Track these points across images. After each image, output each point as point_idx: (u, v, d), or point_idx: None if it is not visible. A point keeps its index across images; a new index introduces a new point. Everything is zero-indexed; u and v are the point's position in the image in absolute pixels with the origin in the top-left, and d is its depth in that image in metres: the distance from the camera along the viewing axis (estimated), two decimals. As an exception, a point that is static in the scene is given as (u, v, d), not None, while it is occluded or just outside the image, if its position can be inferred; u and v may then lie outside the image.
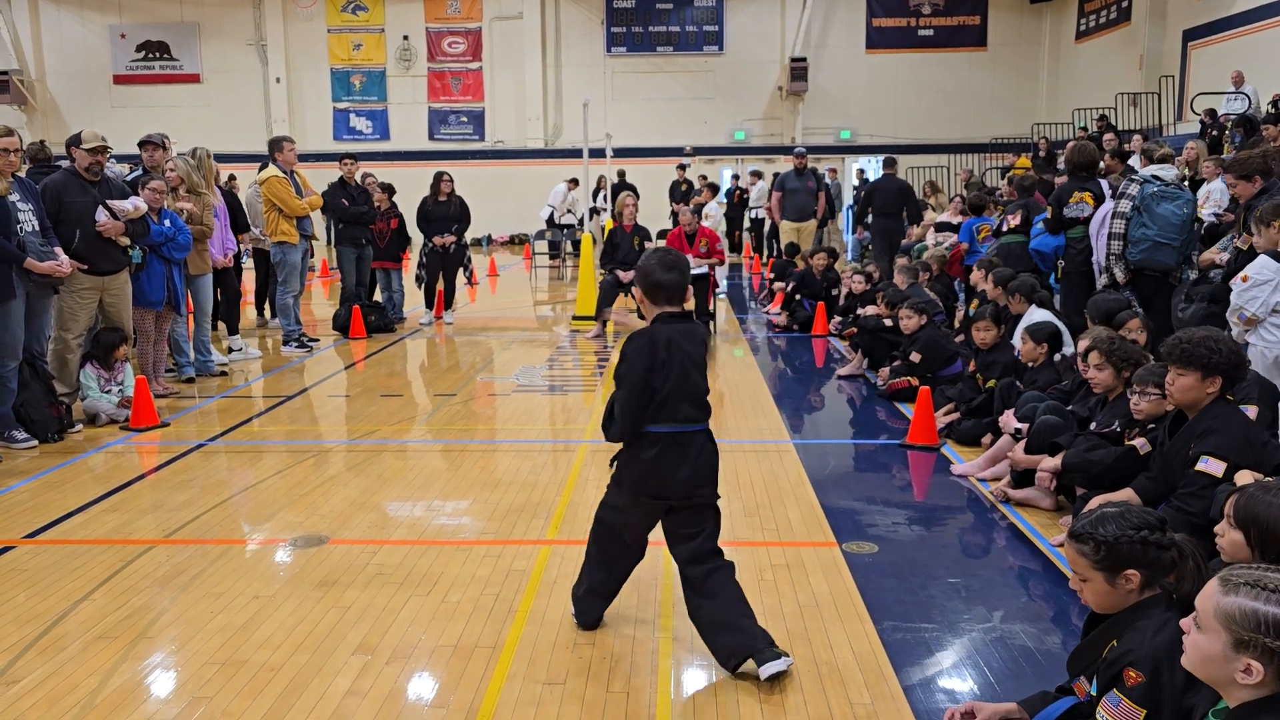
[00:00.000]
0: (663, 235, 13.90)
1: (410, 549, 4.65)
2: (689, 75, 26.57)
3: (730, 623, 3.43)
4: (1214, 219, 8.12)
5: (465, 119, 27.21)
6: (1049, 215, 8.07)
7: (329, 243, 20.97)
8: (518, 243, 26.18)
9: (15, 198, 6.43)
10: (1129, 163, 11.43)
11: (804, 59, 25.65)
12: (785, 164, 18.23)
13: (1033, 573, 4.41)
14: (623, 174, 20.87)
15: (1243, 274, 5.28)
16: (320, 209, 10.81)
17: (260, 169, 10.38)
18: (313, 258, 11.06)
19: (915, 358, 7.54)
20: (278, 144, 10.35)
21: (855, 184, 23.50)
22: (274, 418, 7.52)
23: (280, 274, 10.30)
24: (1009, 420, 5.52)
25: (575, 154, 16.31)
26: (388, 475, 5.91)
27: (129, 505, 5.37)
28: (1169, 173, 6.98)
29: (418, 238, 12.13)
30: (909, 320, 7.71)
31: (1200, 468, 3.80)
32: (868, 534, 4.82)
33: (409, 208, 12.11)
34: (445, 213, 11.82)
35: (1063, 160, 9.92)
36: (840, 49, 26.23)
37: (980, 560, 4.61)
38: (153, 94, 26.80)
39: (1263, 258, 5.25)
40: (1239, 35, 17.54)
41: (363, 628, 3.82)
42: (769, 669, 3.33)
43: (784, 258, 13.83)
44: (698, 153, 25.29)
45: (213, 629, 3.82)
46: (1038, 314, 6.82)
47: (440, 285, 12.04)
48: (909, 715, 3.18)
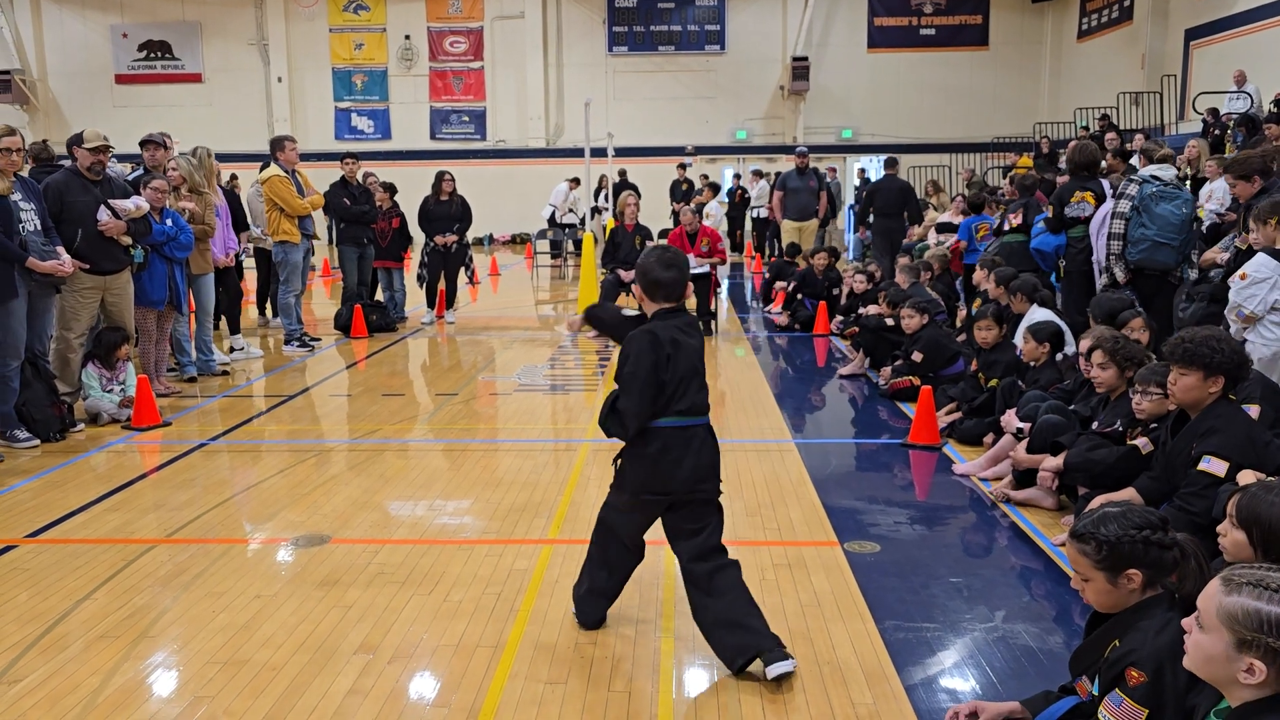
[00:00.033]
0: (664, 235, 13.92)
1: (412, 548, 4.65)
2: (690, 75, 26.57)
3: (739, 622, 3.42)
4: (1216, 219, 8.12)
5: (467, 118, 27.21)
6: (1050, 214, 8.07)
7: (330, 242, 20.99)
8: (519, 242, 26.18)
9: (17, 197, 6.43)
10: (1130, 162, 11.41)
11: (805, 58, 25.65)
12: (787, 163, 18.24)
13: (1035, 572, 4.41)
14: (624, 173, 20.88)
15: (1241, 272, 5.28)
16: (322, 208, 10.81)
17: (262, 168, 10.38)
18: (313, 256, 11.03)
19: (917, 357, 7.54)
20: (279, 143, 10.35)
21: (856, 183, 23.50)
22: (275, 417, 7.52)
23: (282, 273, 10.31)
24: (1011, 420, 5.53)
25: (577, 153, 16.32)
26: (389, 475, 5.92)
27: (131, 504, 5.37)
28: (1168, 173, 6.98)
29: (419, 237, 12.15)
30: (911, 320, 7.71)
31: (1203, 467, 3.80)
32: (869, 533, 4.82)
33: (410, 207, 12.11)
34: (447, 212, 11.82)
35: (1064, 160, 9.92)
36: (842, 48, 26.23)
37: (982, 560, 4.61)
38: (154, 93, 26.82)
39: (1261, 256, 5.25)
40: (1241, 34, 17.53)
41: (364, 627, 3.82)
42: (776, 669, 3.33)
43: (784, 258, 13.83)
44: (699, 152, 25.27)
45: (214, 628, 3.82)
46: (1039, 313, 6.82)
47: (442, 285, 12.05)
48: (911, 715, 3.18)
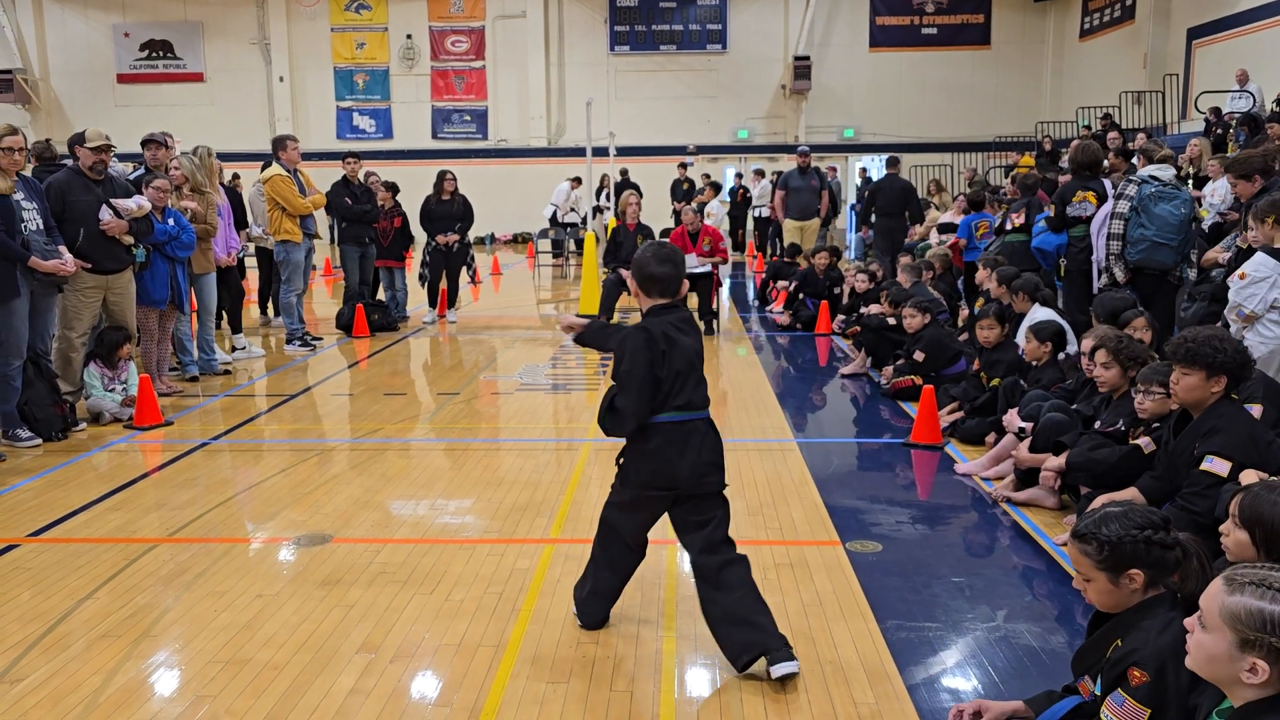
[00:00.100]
0: (666, 234, 13.90)
1: (413, 548, 4.65)
2: (692, 74, 26.56)
3: (746, 619, 3.41)
4: (1218, 218, 8.11)
5: (468, 118, 27.22)
6: (1051, 213, 8.06)
7: (332, 241, 21.00)
8: (521, 241, 26.19)
9: (20, 196, 6.43)
10: (1132, 161, 11.40)
11: (807, 57, 25.64)
12: (788, 163, 18.23)
13: (1037, 572, 4.41)
14: (625, 173, 20.88)
15: (1240, 271, 5.28)
16: (323, 208, 10.81)
17: (263, 168, 10.38)
18: (314, 255, 11.03)
19: (919, 356, 7.53)
20: (281, 143, 10.35)
21: (858, 183, 23.49)
22: (277, 416, 7.53)
23: (284, 273, 10.31)
24: (1013, 419, 5.52)
25: (578, 153, 16.33)
26: (391, 474, 5.92)
27: (132, 504, 5.38)
28: (1166, 173, 6.98)
29: (421, 236, 12.15)
30: (912, 319, 7.70)
31: (1205, 467, 3.79)
32: (871, 533, 4.82)
33: (412, 206, 12.11)
34: (448, 211, 11.82)
35: (1066, 159, 9.91)
36: (843, 47, 26.22)
37: (984, 559, 4.60)
38: (156, 93, 26.84)
39: (1260, 255, 5.25)
40: (1243, 34, 17.52)
41: (366, 626, 3.82)
42: (781, 669, 3.32)
43: (784, 259, 13.82)
44: (701, 151, 25.28)
45: (216, 628, 3.82)
46: (1041, 313, 6.81)
47: (444, 284, 12.05)
48: (913, 714, 3.18)
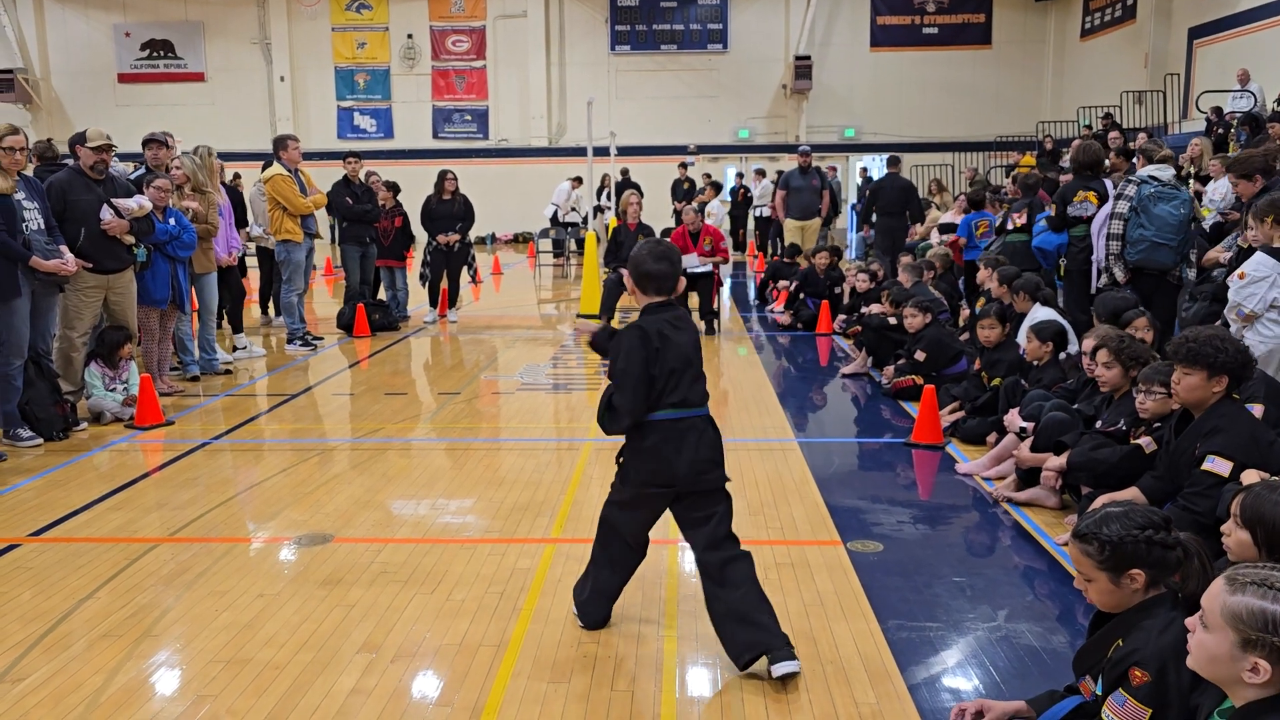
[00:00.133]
0: (667, 234, 13.90)
1: (414, 547, 4.65)
2: (693, 74, 26.56)
3: (749, 617, 3.41)
4: (1219, 218, 8.11)
5: (469, 117, 27.22)
6: (1052, 213, 8.06)
7: (333, 241, 21.00)
8: (522, 241, 26.19)
9: (21, 196, 6.43)
10: (1132, 161, 11.39)
11: (808, 57, 25.63)
12: (789, 162, 18.23)
13: (1038, 571, 4.41)
14: (626, 172, 20.87)
15: (1239, 271, 5.27)
16: (324, 207, 10.81)
17: (264, 167, 10.39)
18: (314, 254, 11.03)
19: (920, 356, 7.53)
20: (282, 142, 10.35)
21: (859, 182, 23.48)
22: (278, 416, 7.53)
23: (284, 272, 10.31)
24: (1014, 419, 5.52)
25: (579, 152, 16.31)
26: (392, 474, 5.92)
27: (133, 503, 5.38)
28: (1165, 173, 6.98)
29: (422, 236, 12.15)
30: (914, 319, 7.70)
31: (1206, 467, 3.79)
32: (872, 533, 4.82)
33: (413, 206, 12.12)
34: (449, 211, 11.82)
35: (1068, 159, 9.90)
36: (844, 47, 26.21)
37: (985, 559, 4.60)
38: (157, 92, 26.84)
39: (1259, 254, 5.24)
40: (1244, 33, 17.51)
41: (367, 626, 3.82)
42: (781, 668, 3.32)
43: (784, 259, 13.82)
44: (702, 151, 25.27)
45: (217, 627, 3.82)
46: (1042, 312, 6.81)
47: (444, 284, 12.05)
48: (914, 714, 3.18)
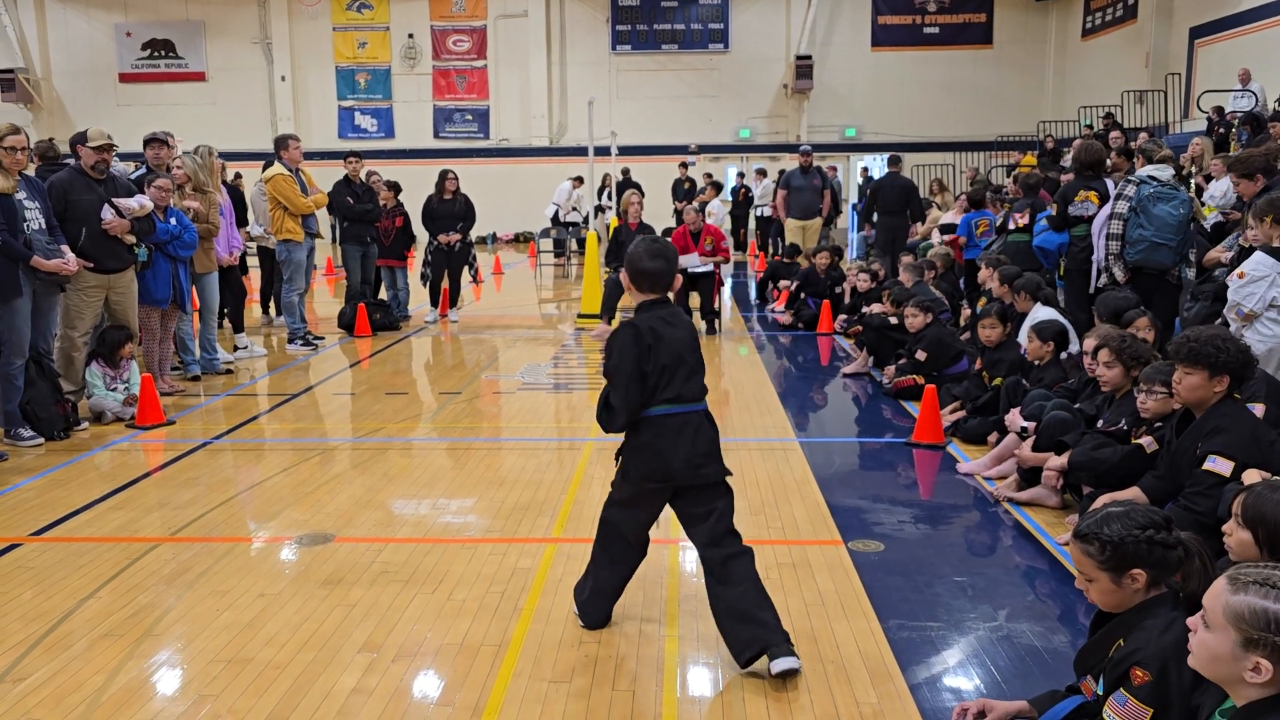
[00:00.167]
0: (668, 233, 13.90)
1: (415, 547, 4.65)
2: (694, 73, 26.55)
3: (748, 615, 3.41)
4: (1221, 217, 8.11)
5: (470, 117, 27.22)
6: (1054, 212, 8.06)
7: (334, 241, 21.00)
8: (522, 241, 26.19)
9: (22, 195, 6.43)
10: (1134, 161, 11.38)
11: (809, 57, 25.62)
12: (791, 162, 18.22)
13: (1039, 571, 4.40)
14: (627, 172, 20.86)
15: (1239, 270, 5.27)
16: (325, 207, 10.81)
17: (265, 167, 10.39)
18: (314, 253, 11.03)
19: (921, 356, 7.53)
20: (283, 142, 10.35)
21: (860, 181, 23.48)
22: (279, 416, 7.53)
23: (286, 272, 10.31)
24: (1015, 418, 5.52)
25: (580, 152, 16.31)
26: (393, 473, 5.92)
27: (135, 503, 5.38)
28: (1165, 173, 6.98)
29: (423, 236, 12.15)
30: (914, 318, 7.70)
31: (1208, 467, 3.79)
32: (873, 532, 4.82)
33: (414, 206, 12.12)
34: (450, 211, 11.83)
35: (1069, 158, 9.90)
36: (845, 46, 26.20)
37: (986, 559, 4.60)
38: (158, 92, 26.85)
39: (1258, 254, 5.24)
40: (1245, 33, 17.50)
41: (368, 625, 3.82)
42: (780, 664, 3.32)
43: (784, 259, 13.81)
44: (703, 151, 25.26)
45: (218, 627, 3.82)
46: (1043, 312, 6.81)
47: (445, 283, 12.05)
48: (915, 714, 3.18)
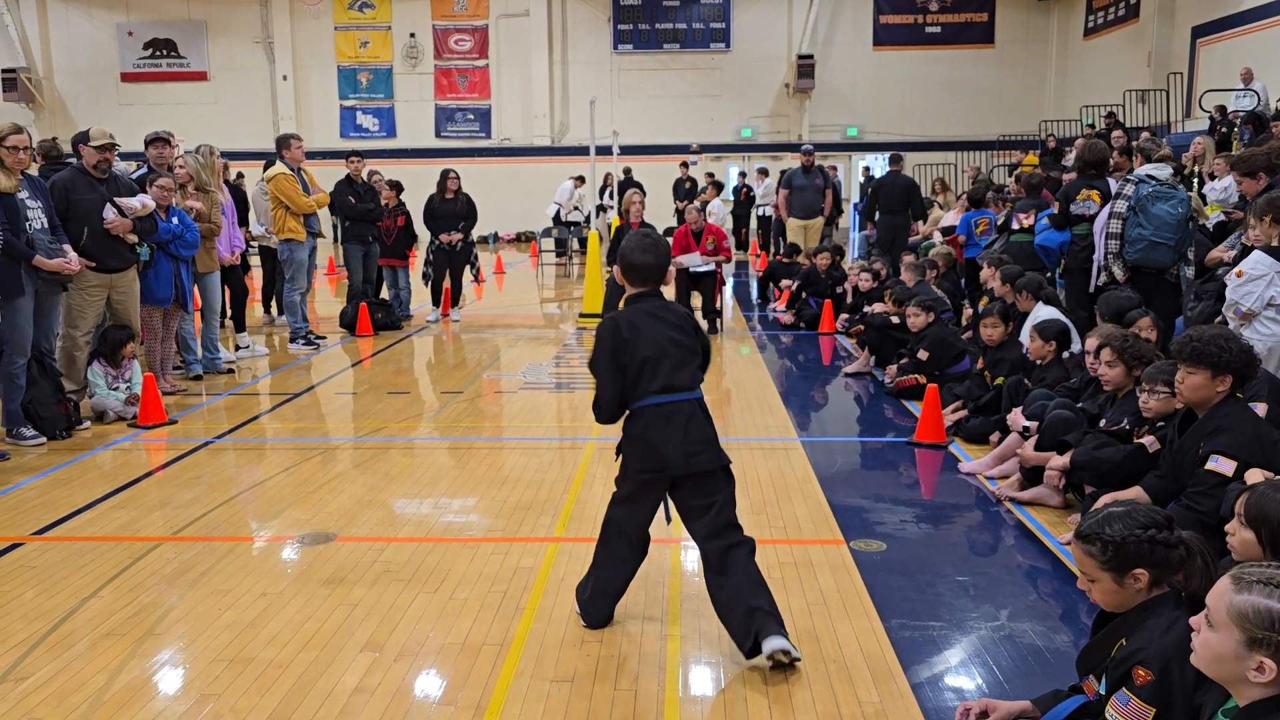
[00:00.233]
0: (669, 232, 13.90)
1: (417, 546, 4.66)
2: (696, 73, 26.55)
3: (745, 603, 3.41)
4: (1224, 216, 8.10)
5: (472, 116, 27.23)
6: (1056, 211, 8.06)
7: (335, 240, 21.01)
8: (524, 240, 26.20)
9: (24, 195, 6.43)
10: (1134, 160, 11.37)
11: (811, 56, 25.61)
12: (792, 161, 18.21)
13: (1041, 571, 4.40)
14: (629, 171, 20.85)
15: (1237, 269, 5.27)
16: (327, 206, 10.81)
17: (267, 166, 10.39)
18: (316, 253, 11.03)
19: (923, 355, 7.53)
20: (285, 141, 10.35)
21: (861, 180, 23.47)
22: (281, 415, 7.53)
23: (287, 271, 10.31)
24: (1017, 418, 5.52)
25: (582, 151, 16.29)
26: (395, 472, 5.92)
27: (137, 502, 5.38)
28: (1163, 172, 6.98)
29: (424, 235, 12.15)
30: (916, 318, 7.69)
31: (1210, 466, 3.78)
32: (875, 532, 4.81)
33: (416, 205, 12.12)
34: (452, 210, 11.83)
35: (1073, 157, 9.89)
36: (847, 46, 26.19)
37: (988, 558, 4.60)
38: (160, 91, 26.86)
39: (1257, 253, 5.24)
40: (1247, 32, 17.49)
41: (370, 625, 3.82)
42: (770, 644, 3.31)
43: (784, 259, 13.81)
44: (704, 150, 25.26)
45: (220, 626, 3.82)
46: (1045, 311, 6.80)
47: (447, 283, 12.05)
48: (917, 713, 3.18)
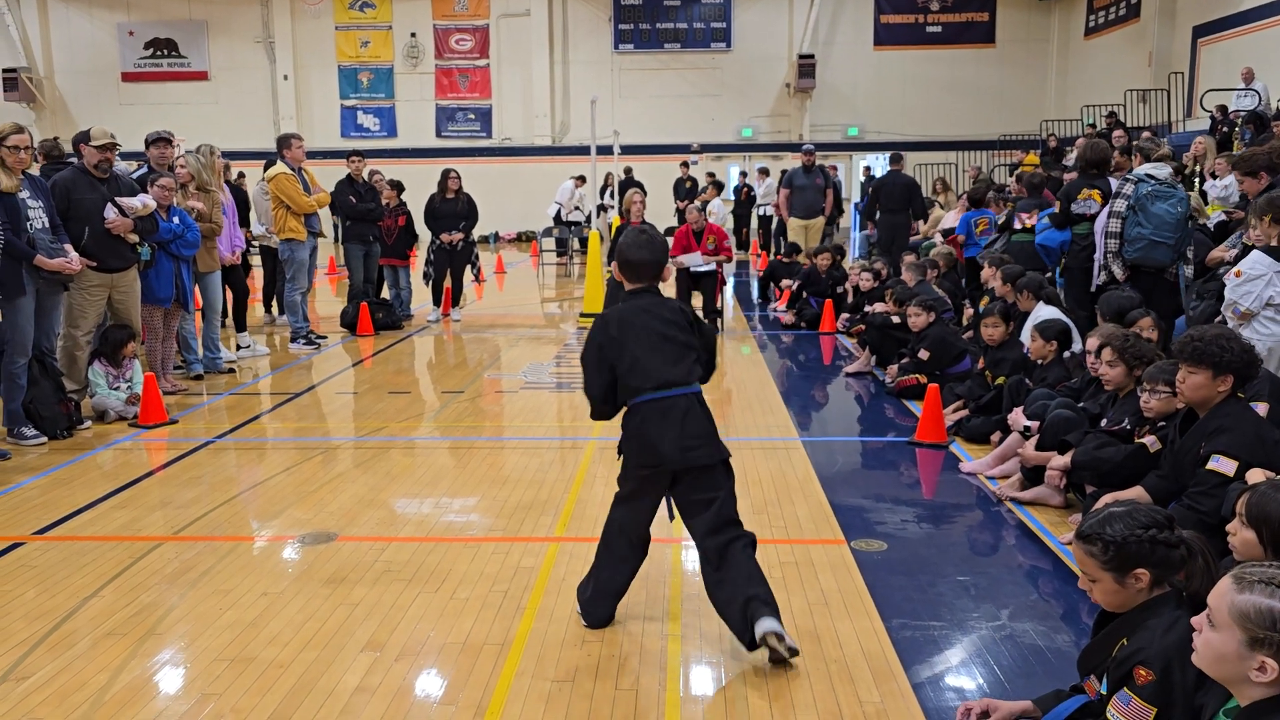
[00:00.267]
0: (670, 232, 13.89)
1: (418, 546, 4.66)
2: (696, 72, 26.55)
3: (740, 594, 3.41)
4: (1224, 216, 8.10)
5: (472, 116, 27.23)
6: (1057, 210, 8.06)
7: (336, 240, 21.00)
8: (525, 240, 26.20)
9: (25, 195, 6.43)
10: (1133, 159, 11.36)
11: (811, 56, 25.61)
12: (793, 161, 18.21)
13: (1042, 570, 4.40)
14: (630, 171, 20.85)
15: (1235, 269, 5.27)
16: (328, 206, 10.81)
17: (267, 166, 10.39)
18: (317, 252, 11.03)
19: (924, 355, 7.53)
20: (286, 141, 10.35)
21: (862, 180, 23.47)
22: (281, 415, 7.53)
23: (288, 271, 10.32)
24: (1018, 418, 5.52)
25: (582, 151, 16.31)
26: (395, 472, 5.92)
27: (138, 502, 5.38)
28: (1162, 171, 6.98)
29: (425, 235, 12.15)
30: (917, 317, 7.69)
31: (1211, 466, 3.78)
32: (876, 532, 4.81)
33: (416, 205, 12.12)
34: (453, 210, 11.82)
35: (1075, 156, 9.89)
36: (848, 46, 26.19)
37: (989, 558, 4.60)
38: (161, 91, 26.87)
39: (1255, 253, 5.23)
40: (1248, 32, 17.49)
41: (371, 624, 3.82)
42: (763, 625, 3.32)
43: (784, 259, 13.80)
44: (705, 150, 25.25)
45: (221, 625, 3.82)
46: (1046, 311, 6.80)
47: (448, 282, 12.05)
48: (918, 713, 3.17)
